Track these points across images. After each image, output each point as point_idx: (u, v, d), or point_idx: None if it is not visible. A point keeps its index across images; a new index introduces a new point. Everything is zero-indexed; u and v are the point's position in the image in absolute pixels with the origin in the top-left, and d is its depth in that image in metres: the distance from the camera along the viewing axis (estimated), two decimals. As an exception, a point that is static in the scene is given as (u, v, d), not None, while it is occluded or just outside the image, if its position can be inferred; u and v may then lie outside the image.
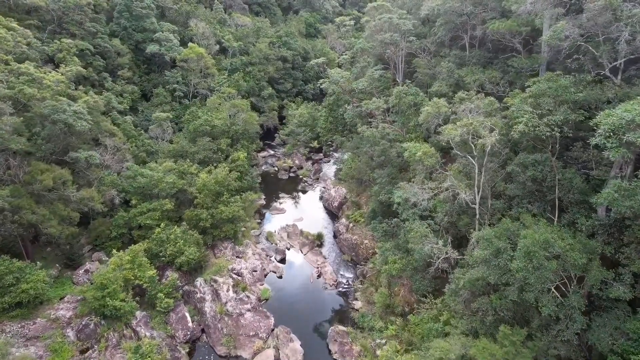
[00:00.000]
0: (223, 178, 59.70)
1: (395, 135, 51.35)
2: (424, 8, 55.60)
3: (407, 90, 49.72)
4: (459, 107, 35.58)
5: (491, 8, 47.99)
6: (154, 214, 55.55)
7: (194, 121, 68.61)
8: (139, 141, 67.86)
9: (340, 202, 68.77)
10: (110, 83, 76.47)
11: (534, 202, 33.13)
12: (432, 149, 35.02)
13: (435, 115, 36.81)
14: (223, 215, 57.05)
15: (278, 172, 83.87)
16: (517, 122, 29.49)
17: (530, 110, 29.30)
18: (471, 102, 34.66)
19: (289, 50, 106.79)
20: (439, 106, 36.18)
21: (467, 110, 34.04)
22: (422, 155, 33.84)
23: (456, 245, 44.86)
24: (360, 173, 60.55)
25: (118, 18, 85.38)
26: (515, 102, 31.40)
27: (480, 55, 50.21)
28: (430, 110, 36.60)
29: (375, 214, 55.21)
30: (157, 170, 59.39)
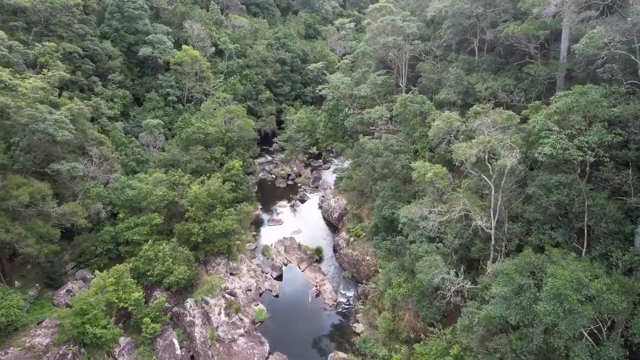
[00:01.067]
0: (216, 190, 55.97)
1: (400, 146, 47.60)
2: (430, 9, 51.79)
3: (412, 98, 45.97)
4: (473, 121, 31.79)
5: (503, 10, 44.21)
6: (142, 228, 51.84)
7: (187, 128, 64.81)
8: (128, 149, 64.06)
9: (340, 214, 65.04)
10: (100, 87, 72.74)
11: (558, 229, 29.37)
12: (444, 169, 31.26)
13: (446, 131, 33.01)
14: (216, 230, 53.31)
15: (276, 179, 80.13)
16: (542, 142, 25.74)
17: (557, 130, 25.54)
18: (487, 116, 30.88)
19: (288, 52, 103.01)
20: (450, 121, 32.40)
21: (483, 125, 30.25)
22: (433, 177, 30.12)
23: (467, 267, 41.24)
24: (361, 184, 56.81)
25: (109, 19, 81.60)
26: (539, 119, 27.56)
27: (490, 60, 46.45)
28: (441, 125, 32.84)
29: (377, 229, 51.51)
30: (146, 182, 55.68)
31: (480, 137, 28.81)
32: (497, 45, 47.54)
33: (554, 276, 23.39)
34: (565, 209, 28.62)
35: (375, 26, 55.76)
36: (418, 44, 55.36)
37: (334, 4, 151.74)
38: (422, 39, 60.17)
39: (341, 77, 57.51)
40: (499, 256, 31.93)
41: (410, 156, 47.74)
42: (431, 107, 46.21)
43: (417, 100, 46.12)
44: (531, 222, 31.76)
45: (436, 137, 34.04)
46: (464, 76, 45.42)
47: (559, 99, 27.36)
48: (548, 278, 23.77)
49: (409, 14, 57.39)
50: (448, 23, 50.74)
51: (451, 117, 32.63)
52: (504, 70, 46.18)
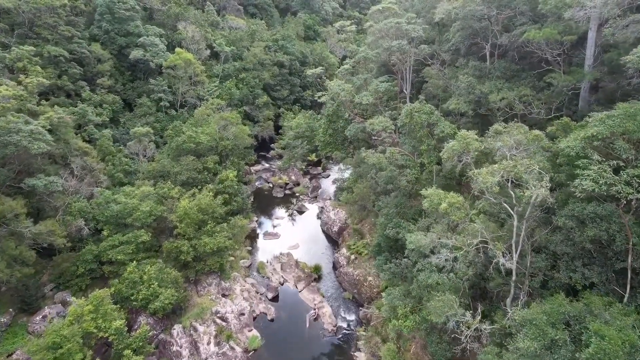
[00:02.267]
0: (207, 204, 51.77)
1: (405, 160, 43.37)
2: (439, 12, 47.47)
3: (419, 108, 41.73)
4: (494, 142, 27.55)
5: (519, 12, 39.89)
6: (128, 247, 47.67)
7: (177, 137, 60.56)
8: (116, 159, 59.81)
9: (340, 227, 60.83)
10: (87, 93, 68.52)
11: (592, 266, 25.15)
12: (460, 198, 27.03)
13: (462, 153, 28.76)
14: (207, 249, 49.14)
15: (273, 188, 75.90)
16: (580, 175, 21.52)
17: (599, 160, 21.31)
18: (510, 135, 26.63)
19: (286, 55, 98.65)
20: (467, 141, 28.12)
21: (505, 147, 26.00)
22: (448, 208, 25.95)
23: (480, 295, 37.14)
24: (362, 198, 52.60)
25: (99, 21, 77.34)
26: (574, 144, 23.23)
27: (504, 67, 42.18)
28: (457, 147, 28.54)
29: (380, 248, 47.30)
30: (132, 196, 51.46)
31: (503, 161, 24.57)
32: (511, 50, 43.29)
33: (600, 336, 19.17)
34: (602, 244, 24.42)
35: (377, 29, 51.46)
36: (424, 48, 51.06)
37: (334, 4, 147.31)
38: (427, 42, 55.92)
39: (341, 83, 53.24)
40: (521, 295, 27.72)
41: (416, 171, 43.52)
42: (440, 118, 41.96)
43: (425, 111, 41.87)
44: (558, 255, 27.54)
45: (450, 160, 29.77)
46: (476, 84, 41.13)
47: (600, 122, 22.99)
48: (591, 337, 19.57)
49: (414, 15, 53.10)
50: (457, 26, 46.46)
51: (468, 137, 28.38)
52: (518, 78, 41.94)
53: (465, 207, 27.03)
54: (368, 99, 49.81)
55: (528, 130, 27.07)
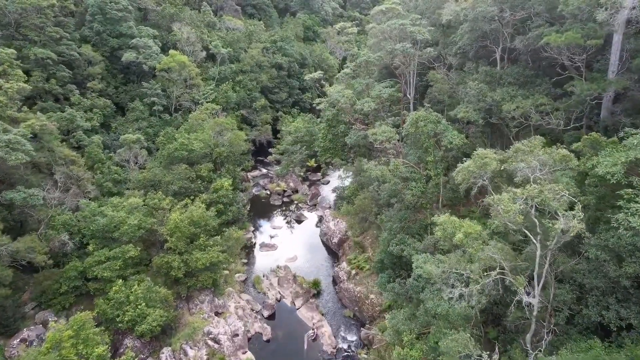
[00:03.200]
0: (200, 217, 48.51)
1: (410, 172, 40.09)
2: (446, 13, 44.15)
3: (425, 117, 38.45)
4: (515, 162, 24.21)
5: (535, 13, 36.55)
6: (114, 263, 44.44)
7: (169, 144, 57.26)
8: (105, 168, 56.52)
9: (340, 239, 57.57)
10: (77, 97, 65.22)
11: (629, 304, 21.90)
12: (478, 227, 23.72)
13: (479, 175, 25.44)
14: (198, 264, 45.91)
15: (270, 196, 72.62)
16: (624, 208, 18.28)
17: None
18: (534, 155, 23.37)
19: (285, 57, 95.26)
20: (485, 161, 24.77)
21: (528, 168, 22.73)
22: (464, 239, 22.67)
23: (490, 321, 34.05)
24: (364, 210, 49.35)
25: (90, 21, 73.98)
26: (615, 169, 19.94)
27: (517, 72, 38.86)
28: (473, 168, 25.21)
29: (383, 265, 44.14)
30: (120, 208, 48.17)
31: (527, 186, 21.29)
32: (524, 54, 39.98)
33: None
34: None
35: (380, 30, 48.15)
36: (430, 51, 47.75)
37: (334, 5, 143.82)
38: (432, 44, 52.63)
39: (341, 89, 49.91)
40: (543, 332, 24.46)
41: (422, 184, 40.24)
42: (447, 127, 38.68)
43: (431, 119, 38.59)
44: (586, 287, 24.27)
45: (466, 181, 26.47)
46: (487, 91, 37.82)
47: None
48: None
49: (419, 16, 49.77)
50: (465, 28, 43.15)
51: (486, 156, 25.03)
52: (532, 84, 38.65)
53: (484, 237, 23.70)
54: (370, 105, 46.53)
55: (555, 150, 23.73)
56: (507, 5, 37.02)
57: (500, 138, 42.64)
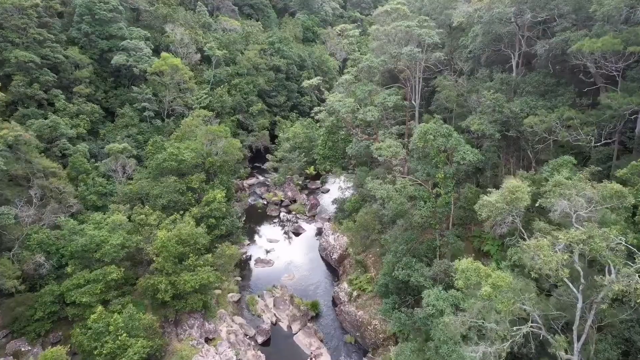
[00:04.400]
0: (189, 235, 44.37)
1: (419, 190, 35.94)
2: (457, 15, 39.99)
3: (435, 130, 34.31)
4: (553, 197, 20.04)
5: (559, 14, 32.34)
6: (95, 286, 40.42)
7: (158, 154, 53.05)
8: (89, 180, 52.31)
9: (340, 255, 53.47)
10: (62, 102, 60.89)
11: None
12: (509, 278, 19.38)
13: (507, 211, 21.23)
14: (187, 287, 41.82)
15: (267, 206, 68.47)
16: None
17: None
18: (578, 190, 19.24)
19: (283, 59, 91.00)
20: (515, 195, 20.56)
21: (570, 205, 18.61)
22: (492, 292, 18.42)
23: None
24: (366, 228, 45.23)
25: (78, 22, 69.64)
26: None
27: (538, 81, 34.67)
28: (501, 204, 21.00)
29: (387, 290, 40.04)
30: (102, 225, 44.01)
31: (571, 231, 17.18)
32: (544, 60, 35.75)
33: None
34: None
35: (384, 33, 43.96)
36: (439, 56, 43.57)
37: (334, 5, 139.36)
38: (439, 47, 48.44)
39: (341, 97, 45.71)
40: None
41: (431, 203, 36.08)
42: (459, 141, 34.52)
43: (442, 132, 34.45)
44: (634, 341, 20.14)
45: (492, 218, 22.32)
46: (504, 102, 33.64)
47: None
48: None
49: (426, 18, 45.53)
50: (478, 30, 38.96)
51: (518, 189, 20.77)
52: (554, 93, 34.46)
53: (515, 288, 19.50)
54: (373, 114, 42.36)
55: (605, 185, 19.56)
56: (527, 6, 32.84)
57: (517, 151, 38.53)
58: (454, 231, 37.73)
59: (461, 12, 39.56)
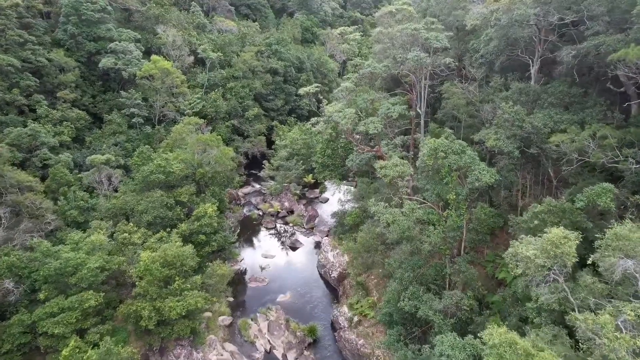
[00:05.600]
0: (175, 256, 40.22)
1: (427, 213, 31.81)
2: (471, 17, 35.78)
3: (447, 146, 30.16)
4: (611, 253, 15.83)
5: (590, 17, 28.12)
6: (70, 315, 36.24)
7: (144, 166, 48.88)
8: (69, 193, 48.16)
9: (340, 273, 49.35)
10: (44, 108, 56.77)
11: None
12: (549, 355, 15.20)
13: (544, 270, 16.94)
14: (172, 314, 37.72)
15: (263, 217, 64.33)
16: None
17: None
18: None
19: (281, 61, 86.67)
20: (561, 250, 16.27)
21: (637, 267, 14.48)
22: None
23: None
24: (368, 249, 41.09)
25: (64, 23, 65.56)
26: None
27: (562, 91, 30.49)
28: (541, 260, 16.65)
29: (391, 319, 35.90)
30: (80, 246, 39.89)
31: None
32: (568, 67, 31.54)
33: None
34: None
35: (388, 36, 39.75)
36: (450, 62, 39.38)
37: (333, 5, 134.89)
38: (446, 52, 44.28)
39: (341, 107, 41.52)
40: None
41: (442, 227, 31.94)
42: (474, 159, 30.36)
43: (454, 149, 30.31)
44: None
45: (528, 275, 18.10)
46: (524, 116, 29.47)
47: None
48: None
49: (434, 20, 41.34)
50: (492, 33, 34.73)
51: (565, 238, 16.53)
52: (581, 105, 30.27)
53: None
54: (376, 126, 38.22)
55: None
56: (553, 6, 28.64)
57: (535, 168, 34.32)
58: (466, 257, 33.56)
59: (475, 14, 35.33)
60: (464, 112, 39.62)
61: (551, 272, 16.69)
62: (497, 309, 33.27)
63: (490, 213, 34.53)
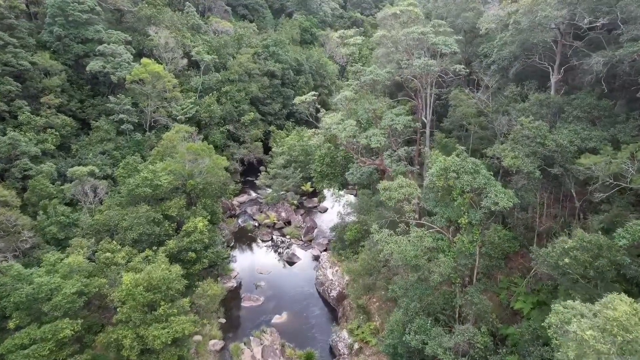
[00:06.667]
0: (160, 279, 36.62)
1: (437, 240, 28.25)
2: (485, 20, 32.13)
3: (459, 165, 26.59)
4: None
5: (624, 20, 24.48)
6: (42, 347, 32.71)
7: (130, 178, 45.29)
8: (50, 208, 44.60)
9: (340, 293, 45.83)
10: (26, 115, 53.10)
11: None
12: None
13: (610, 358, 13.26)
14: (156, 344, 34.20)
15: (258, 228, 60.75)
16: None
17: None
18: None
19: (278, 63, 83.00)
20: (629, 332, 12.57)
21: None
22: None
23: None
24: (369, 272, 37.57)
25: (50, 24, 61.85)
26: None
27: (590, 104, 26.89)
28: (603, 347, 12.76)
29: (395, 352, 32.43)
30: (57, 268, 36.31)
31: None
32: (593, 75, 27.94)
33: None
34: None
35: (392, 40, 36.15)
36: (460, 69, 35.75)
37: (333, 5, 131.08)
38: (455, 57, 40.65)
39: (340, 117, 37.89)
40: None
41: (453, 254, 28.40)
42: (490, 179, 26.79)
43: (467, 169, 26.73)
44: None
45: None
46: (547, 132, 25.89)
47: None
48: None
49: (442, 22, 37.70)
50: (507, 38, 31.08)
51: (631, 314, 12.95)
52: (610, 120, 26.64)
53: None
54: (379, 140, 34.64)
55: None
56: (583, 8, 25.01)
57: (556, 188, 30.74)
58: (479, 286, 30.00)
59: (490, 17, 31.72)
60: (475, 122, 36.03)
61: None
62: (513, 342, 29.82)
63: (505, 236, 30.95)
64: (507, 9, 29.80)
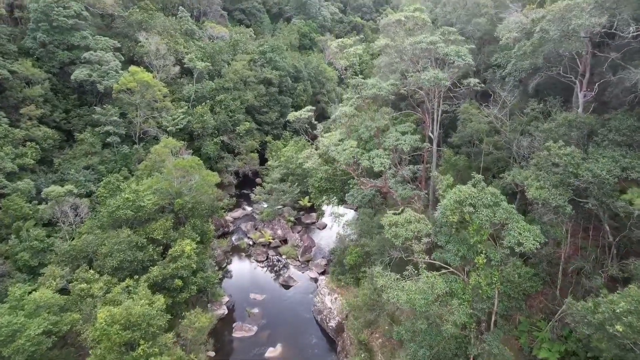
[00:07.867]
0: (139, 316, 32.64)
1: (450, 282, 24.29)
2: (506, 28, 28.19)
3: (475, 197, 22.66)
4: None
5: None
6: (4, 396, 28.80)
7: (111, 199, 41.40)
8: (23, 232, 40.70)
9: (339, 323, 41.84)
10: (4, 127, 49.33)
11: None
12: None
13: None
14: (133, 392, 30.24)
15: (253, 247, 56.77)
16: None
17: None
18: None
19: (276, 70, 79.18)
20: None
21: None
22: None
23: None
24: (371, 306, 33.58)
25: (34, 30, 58.23)
26: None
27: (630, 126, 22.96)
28: None
29: (403, 402, 28.39)
30: (22, 305, 32.40)
31: None
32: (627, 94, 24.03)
33: None
34: None
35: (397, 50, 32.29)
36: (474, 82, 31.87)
37: (332, 9, 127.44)
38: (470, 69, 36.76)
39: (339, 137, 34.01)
40: None
41: (469, 299, 24.42)
42: (513, 213, 22.87)
43: (486, 202, 22.82)
44: None
45: None
46: (580, 160, 21.95)
47: None
48: None
49: (453, 30, 33.84)
50: (528, 48, 27.12)
51: None
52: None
53: None
54: (383, 163, 30.72)
55: None
56: (627, 13, 21.11)
57: (587, 219, 26.75)
58: (498, 333, 25.97)
59: (511, 25, 27.80)
60: (489, 142, 32.11)
61: None
62: (537, 397, 25.89)
63: (527, 274, 26.98)
64: (531, 15, 25.96)
